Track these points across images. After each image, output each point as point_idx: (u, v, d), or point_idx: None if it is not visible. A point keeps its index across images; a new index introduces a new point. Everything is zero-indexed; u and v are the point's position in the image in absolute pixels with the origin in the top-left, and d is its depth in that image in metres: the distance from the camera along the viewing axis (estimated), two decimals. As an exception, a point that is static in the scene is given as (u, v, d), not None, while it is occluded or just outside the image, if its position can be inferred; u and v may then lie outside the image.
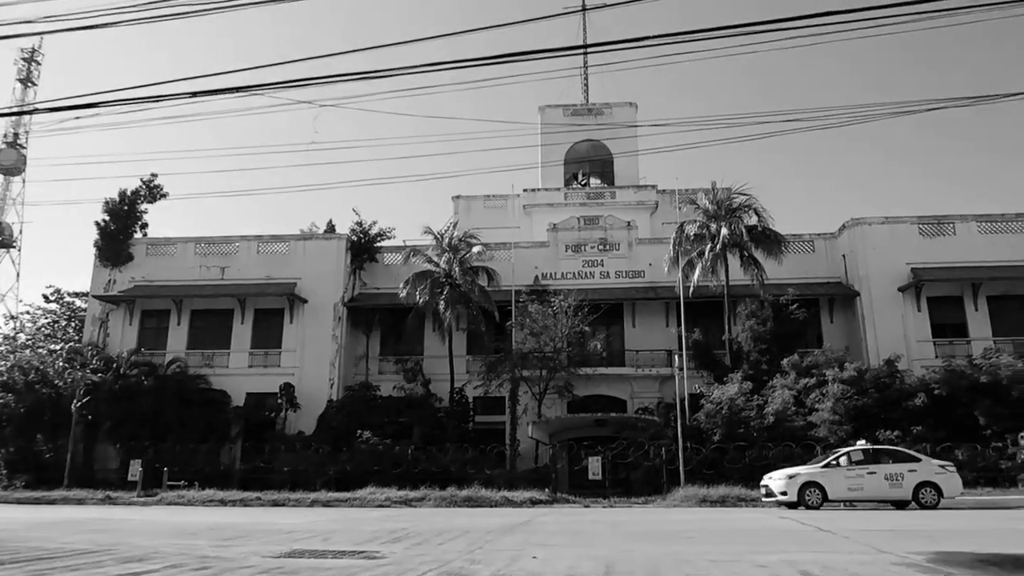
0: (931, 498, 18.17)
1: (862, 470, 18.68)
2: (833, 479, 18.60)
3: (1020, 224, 32.67)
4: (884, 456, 19.26)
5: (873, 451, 19.52)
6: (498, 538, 11.06)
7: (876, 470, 18.61)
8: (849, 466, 18.85)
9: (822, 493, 18.45)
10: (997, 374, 25.89)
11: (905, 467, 18.59)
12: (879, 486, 18.45)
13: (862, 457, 19.11)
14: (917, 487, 18.26)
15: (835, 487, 18.53)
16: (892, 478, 18.42)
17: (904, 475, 18.39)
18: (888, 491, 18.50)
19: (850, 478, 18.60)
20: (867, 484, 18.48)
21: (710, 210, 31.09)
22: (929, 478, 18.34)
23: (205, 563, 8.09)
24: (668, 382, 31.01)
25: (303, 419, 31.25)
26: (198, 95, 11.23)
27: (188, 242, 35.99)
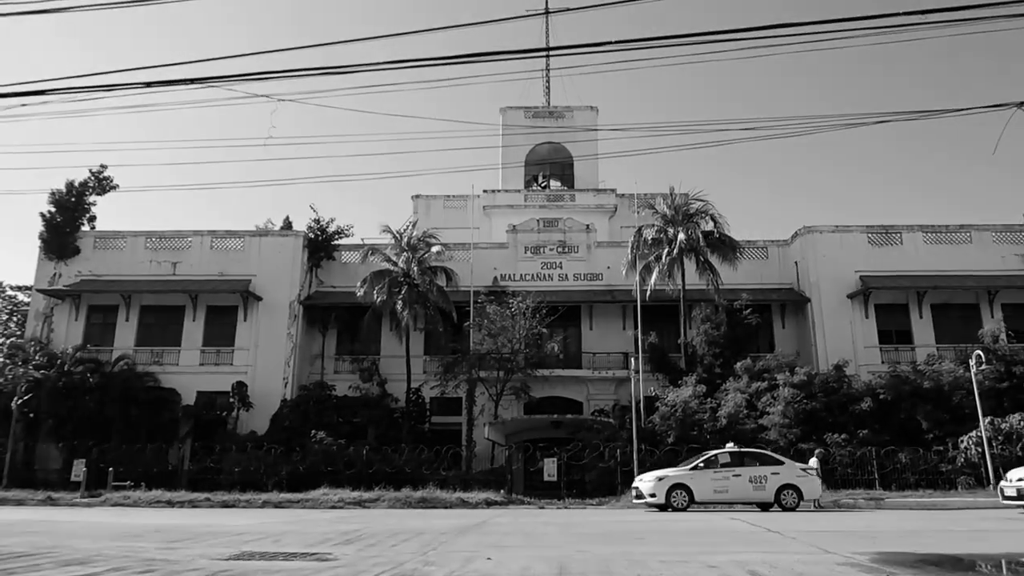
0: (792, 500, 18.64)
1: (728, 472, 19.01)
2: (700, 481, 18.89)
3: (963, 235, 33.86)
4: (750, 459, 19.60)
5: (740, 454, 19.84)
6: (452, 539, 11.03)
7: (742, 473, 18.97)
8: (716, 469, 19.23)
9: (689, 495, 18.69)
10: (939, 380, 26.76)
11: (769, 470, 19.01)
12: (744, 488, 18.81)
13: (729, 460, 19.44)
14: (779, 489, 18.70)
15: (702, 489, 18.83)
16: (756, 480, 18.80)
17: (768, 478, 18.78)
18: (752, 493, 18.87)
19: (716, 480, 18.93)
20: (732, 486, 18.83)
21: (668, 215, 31.50)
22: (791, 481, 18.82)
23: (150, 566, 7.89)
24: (624, 384, 31.34)
25: (256, 419, 30.70)
26: (152, 85, 10.96)
27: (138, 236, 35.07)
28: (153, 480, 25.68)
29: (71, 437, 28.70)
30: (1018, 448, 23.67)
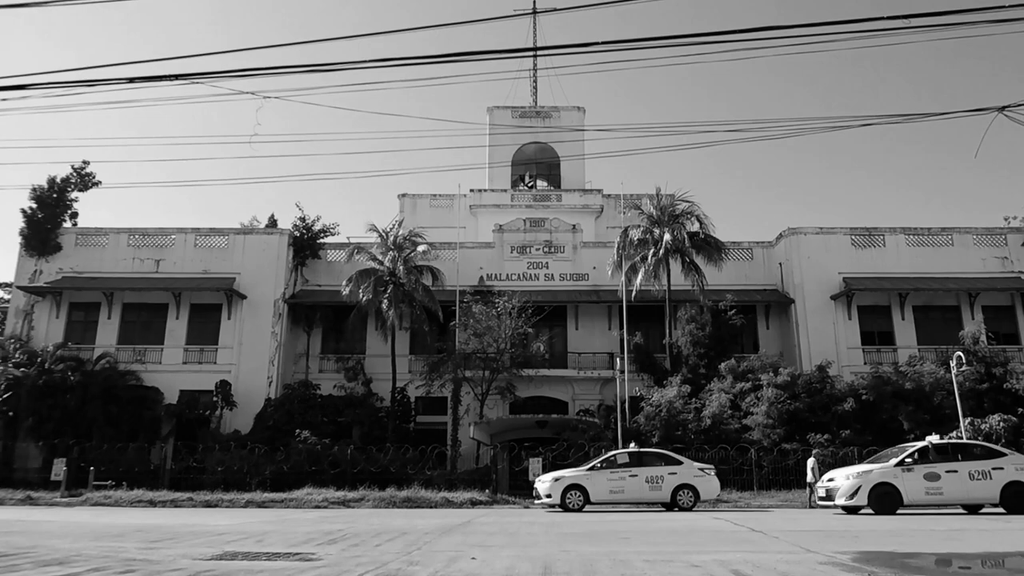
0: (688, 500, 18.66)
1: (624, 473, 18.94)
2: (596, 482, 18.77)
3: (945, 238, 34.25)
4: (650, 459, 19.58)
5: (639, 454, 19.77)
6: (437, 539, 11.01)
7: (638, 473, 18.90)
8: (614, 469, 19.13)
9: (584, 496, 18.62)
10: (920, 381, 27.06)
11: (666, 470, 18.96)
12: (640, 488, 18.75)
13: (628, 460, 19.42)
14: (676, 489, 18.69)
15: (597, 489, 18.70)
16: (653, 481, 18.72)
17: (664, 478, 18.73)
18: (648, 493, 18.83)
19: (612, 480, 18.83)
20: (628, 487, 18.75)
21: (654, 216, 31.62)
22: (688, 481, 18.82)
23: (130, 566, 7.81)
24: (609, 384, 31.43)
25: (239, 418, 30.51)
26: (135, 81, 10.85)
27: (121, 233, 34.73)
28: (135, 480, 25.43)
29: (51, 436, 28.38)
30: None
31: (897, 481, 16.28)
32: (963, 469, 16.36)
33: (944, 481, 16.25)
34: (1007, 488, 16.09)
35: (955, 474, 16.31)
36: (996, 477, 16.19)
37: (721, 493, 22.18)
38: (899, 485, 16.25)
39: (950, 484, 16.25)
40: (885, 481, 16.27)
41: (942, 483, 16.24)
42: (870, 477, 16.43)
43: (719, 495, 20.17)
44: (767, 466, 24.74)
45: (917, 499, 16.33)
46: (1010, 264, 33.69)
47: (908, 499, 16.23)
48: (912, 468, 16.42)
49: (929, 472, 16.34)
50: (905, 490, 16.21)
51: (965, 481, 16.26)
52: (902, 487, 16.24)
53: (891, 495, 16.16)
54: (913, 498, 16.26)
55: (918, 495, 16.25)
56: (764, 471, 24.63)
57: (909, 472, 16.38)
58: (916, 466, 16.47)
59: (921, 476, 16.33)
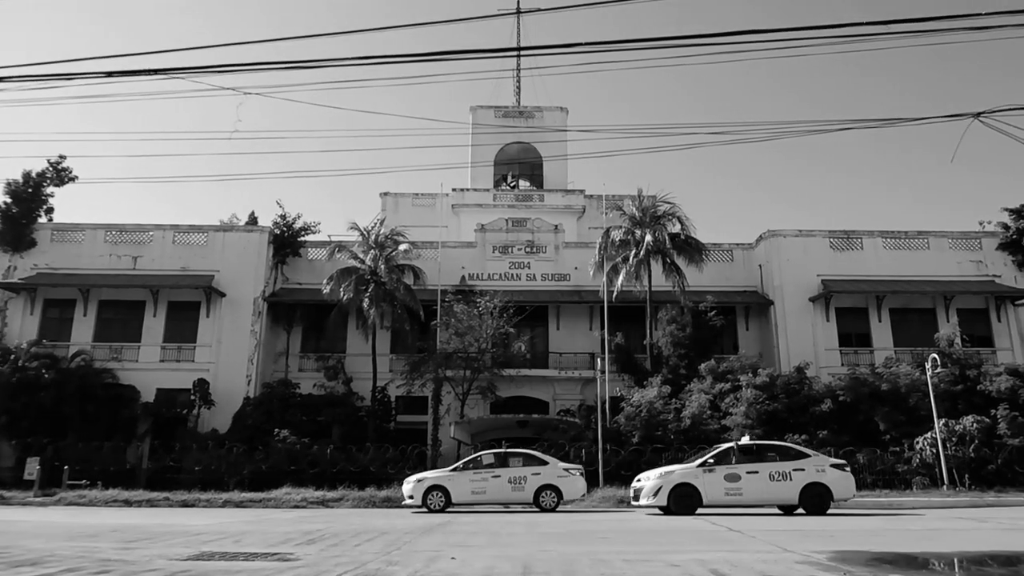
0: (551, 500, 18.48)
1: (487, 474, 18.83)
2: (458, 483, 18.67)
3: (921, 241, 34.74)
4: (514, 460, 19.38)
5: (504, 455, 19.61)
6: (416, 539, 10.99)
7: (501, 474, 18.76)
8: (476, 470, 19.01)
9: (446, 496, 18.53)
10: (897, 382, 27.40)
11: (530, 470, 18.77)
12: (502, 489, 18.60)
13: (492, 461, 19.33)
14: (539, 490, 18.55)
15: (459, 491, 18.58)
16: (515, 481, 18.58)
17: (528, 478, 18.57)
18: (511, 494, 18.69)
19: (475, 481, 18.70)
20: (491, 487, 18.61)
21: (636, 216, 31.74)
22: (551, 481, 18.64)
23: (106, 567, 7.72)
24: (590, 385, 31.51)
25: (217, 417, 30.23)
26: (113, 75, 10.72)
27: (97, 229, 34.27)
28: (110, 479, 25.10)
29: (25, 434, 27.94)
30: (970, 449, 24.34)
31: (698, 482, 16.35)
32: (764, 470, 16.45)
33: (744, 482, 16.32)
34: (806, 489, 16.22)
35: (756, 475, 16.39)
36: (796, 478, 16.30)
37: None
38: (699, 486, 16.31)
39: (750, 485, 16.32)
40: (686, 482, 16.36)
41: (742, 484, 16.31)
42: (672, 478, 16.56)
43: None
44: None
45: (717, 500, 16.40)
46: (985, 268, 34.24)
47: (708, 500, 16.31)
48: (714, 469, 16.52)
49: (730, 473, 16.43)
50: (705, 491, 16.28)
51: (765, 482, 16.32)
52: (702, 488, 16.29)
53: (691, 496, 16.25)
54: (713, 499, 16.34)
55: (718, 496, 16.33)
56: (743, 471, 24.80)
57: (711, 473, 16.45)
58: (718, 467, 16.57)
59: (722, 477, 16.40)
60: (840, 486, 16.45)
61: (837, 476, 16.54)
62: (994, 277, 33.96)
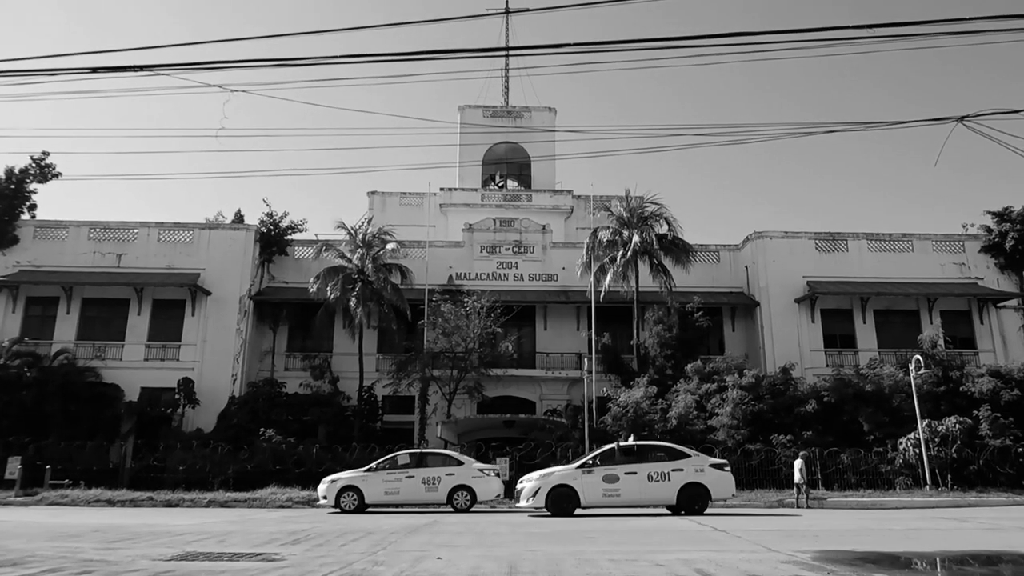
0: (464, 501, 18.50)
1: (402, 474, 18.85)
2: (371, 483, 18.69)
3: (905, 244, 35.05)
4: (430, 460, 19.47)
5: (420, 455, 19.71)
6: (402, 539, 10.96)
7: (415, 474, 18.78)
8: (390, 470, 19.02)
9: (359, 497, 18.56)
10: (880, 383, 27.63)
11: (444, 471, 18.79)
12: (416, 490, 18.61)
13: (408, 461, 19.36)
14: (453, 490, 18.55)
15: (372, 491, 18.62)
16: (429, 482, 18.59)
17: (441, 479, 18.56)
18: (425, 495, 18.66)
19: (388, 482, 18.71)
20: (405, 488, 18.65)
21: (623, 217, 31.82)
22: (466, 482, 18.64)
23: (88, 567, 7.65)
24: (577, 385, 31.57)
25: (202, 416, 30.03)
26: (98, 71, 10.62)
27: (81, 226, 33.95)
28: (93, 478, 24.89)
29: (6, 433, 27.58)
30: (953, 450, 24.58)
31: (576, 483, 16.31)
32: (643, 471, 16.44)
33: (622, 483, 16.31)
34: (684, 489, 16.31)
35: (634, 476, 16.39)
36: (675, 479, 16.36)
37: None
38: (577, 487, 16.26)
39: (628, 486, 16.32)
40: (564, 483, 16.32)
41: (620, 485, 16.29)
42: (550, 479, 16.52)
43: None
44: (731, 466, 24.99)
45: (594, 501, 16.37)
46: (967, 270, 34.61)
47: (586, 501, 16.27)
48: (592, 470, 16.50)
49: (608, 474, 16.40)
50: (583, 492, 16.24)
51: (643, 483, 16.34)
52: (580, 489, 16.24)
53: (568, 497, 16.20)
54: (590, 500, 16.31)
55: (595, 497, 16.30)
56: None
57: (589, 474, 16.42)
58: (597, 468, 16.55)
59: (600, 478, 16.36)
60: (718, 486, 16.56)
61: (716, 476, 16.61)
62: (977, 279, 34.33)
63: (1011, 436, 25.15)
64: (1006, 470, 24.65)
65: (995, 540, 11.08)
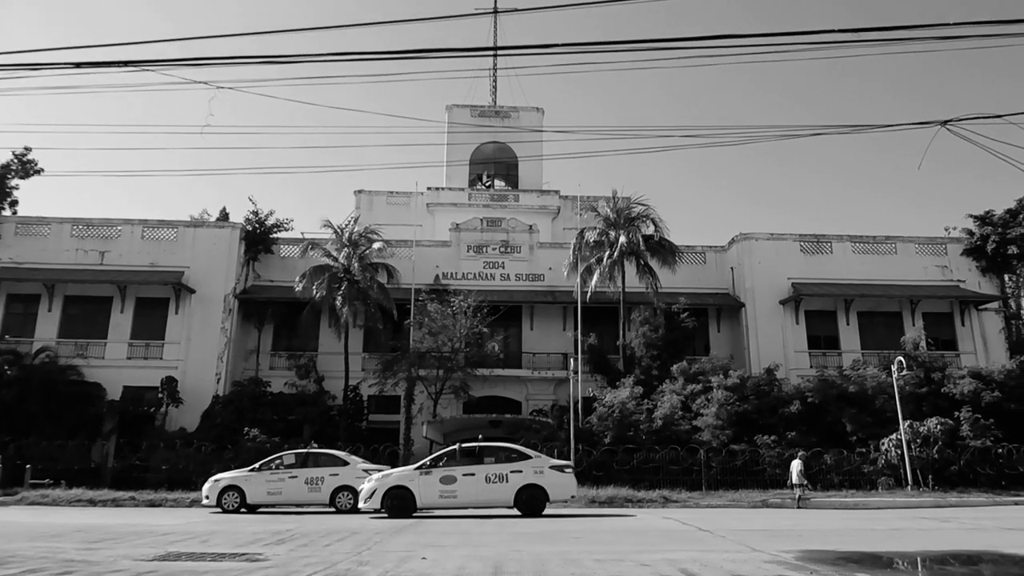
0: (347, 502, 18.37)
1: (285, 474, 18.77)
2: (254, 483, 18.63)
3: (889, 246, 35.38)
4: (315, 460, 19.27)
5: (306, 455, 19.50)
6: (388, 539, 10.93)
7: (299, 474, 18.67)
8: (273, 470, 18.95)
9: (241, 496, 18.51)
10: (864, 384, 27.86)
11: (328, 471, 18.62)
12: (299, 490, 18.54)
13: (293, 461, 19.24)
14: (336, 491, 18.47)
15: (255, 491, 18.54)
16: (312, 482, 18.46)
17: (325, 479, 18.42)
18: (308, 495, 18.59)
19: (271, 482, 18.65)
20: (287, 488, 18.57)
21: (610, 218, 31.88)
22: (349, 482, 18.47)
23: (69, 567, 7.58)
24: (563, 385, 31.60)
25: (186, 415, 29.79)
26: (82, 66, 10.51)
27: (64, 223, 33.58)
28: (75, 478, 24.63)
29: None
30: (934, 450, 24.82)
31: (412, 485, 16.15)
32: (481, 472, 16.31)
33: (460, 484, 16.15)
34: (522, 491, 16.17)
35: (472, 477, 16.22)
36: (513, 480, 16.24)
37: (671, 493, 22.54)
38: (414, 489, 16.10)
39: (465, 487, 16.15)
40: (401, 485, 16.20)
41: (457, 486, 16.13)
42: (387, 481, 16.37)
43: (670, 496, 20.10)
44: (716, 466, 25.14)
45: (431, 503, 16.21)
46: (950, 273, 34.98)
47: (422, 503, 16.12)
48: (431, 471, 16.36)
49: (446, 475, 16.26)
50: (420, 493, 16.09)
51: (481, 484, 16.18)
52: (417, 491, 16.09)
53: (404, 499, 16.08)
54: (427, 502, 16.15)
55: (432, 498, 16.14)
56: (713, 471, 25.01)
57: (427, 476, 16.28)
58: (435, 469, 16.41)
59: (438, 479, 16.20)
60: (557, 487, 16.43)
61: (555, 478, 16.48)
62: (959, 282, 34.70)
63: (991, 437, 25.41)
64: (986, 471, 24.91)
65: (976, 540, 11.20)
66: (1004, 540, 11.02)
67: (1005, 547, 10.00)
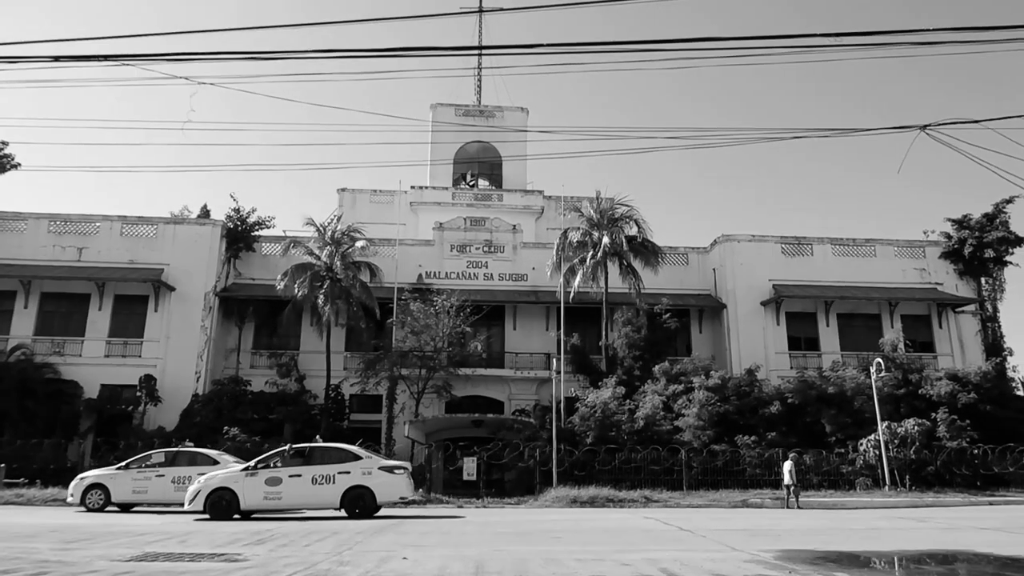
0: None
1: (152, 473, 18.47)
2: (119, 482, 18.31)
3: (868, 249, 35.77)
4: (183, 459, 18.92)
5: (175, 454, 19.13)
6: (368, 539, 10.88)
7: (165, 473, 18.33)
8: (141, 468, 18.67)
9: (106, 495, 18.24)
10: (843, 386, 28.16)
11: (196, 470, 17.99)
12: (165, 489, 18.24)
13: (162, 459, 18.92)
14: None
15: (120, 489, 18.20)
16: (179, 481, 18.04)
17: (192, 478, 17.54)
18: (173, 494, 18.19)
19: (137, 480, 18.37)
20: (153, 487, 18.28)
21: (593, 218, 31.97)
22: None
23: (43, 568, 7.47)
24: (546, 385, 31.65)
25: (165, 414, 29.47)
26: (61, 60, 10.37)
27: (41, 218, 33.10)
28: (50, 477, 24.30)
29: (-41, 431, 26.84)
30: (911, 451, 25.13)
31: (237, 486, 15.80)
32: (308, 474, 16.02)
33: (285, 486, 15.88)
34: (348, 493, 15.92)
35: (299, 479, 15.97)
36: (340, 481, 15.98)
37: (652, 492, 22.65)
38: (238, 490, 15.75)
39: (291, 489, 15.89)
40: (225, 486, 15.84)
41: (283, 488, 15.85)
42: (211, 482, 15.99)
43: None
44: (697, 467, 25.31)
45: (256, 504, 15.90)
46: (928, 275, 35.43)
47: (246, 504, 15.77)
48: (257, 473, 16.04)
49: (272, 477, 15.95)
50: (244, 495, 15.75)
51: (308, 485, 15.91)
52: (241, 492, 15.75)
53: (228, 500, 15.73)
54: (251, 503, 15.83)
55: (256, 500, 15.83)
56: (694, 471, 25.18)
57: (253, 477, 15.95)
58: (261, 471, 16.09)
59: (263, 481, 15.89)
60: (385, 488, 16.16)
61: (383, 479, 16.19)
62: (937, 285, 35.15)
63: (967, 438, 25.78)
64: (962, 471, 25.26)
65: (951, 540, 11.35)
66: (979, 539, 11.18)
67: (980, 546, 10.14)
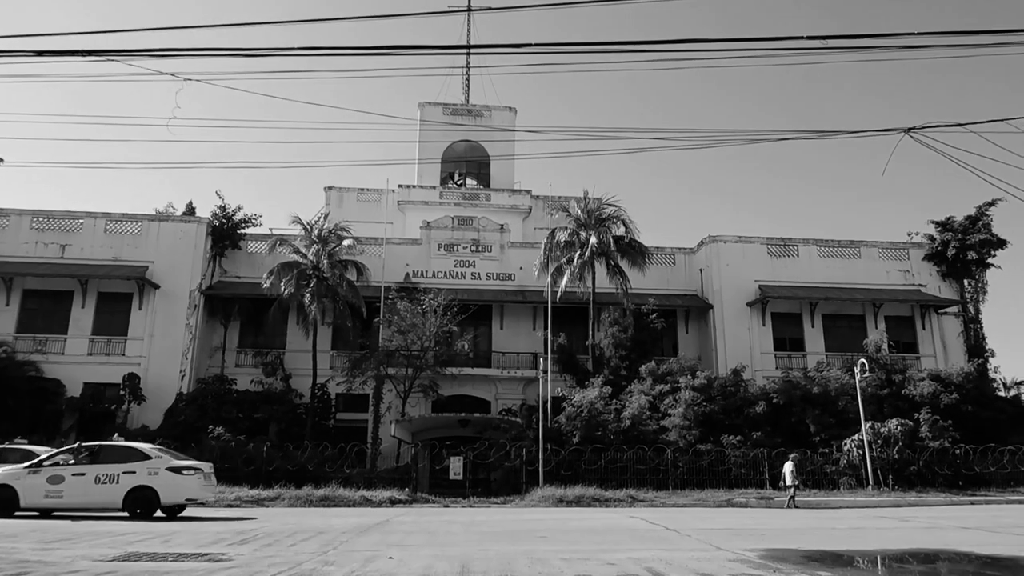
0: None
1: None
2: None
3: (853, 250, 36.06)
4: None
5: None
6: (354, 539, 10.84)
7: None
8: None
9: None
10: (827, 386, 28.38)
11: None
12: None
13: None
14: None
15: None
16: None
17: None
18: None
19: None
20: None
21: (581, 218, 32.02)
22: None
23: (24, 568, 7.39)
24: (532, 384, 31.67)
25: (148, 412, 29.23)
26: (44, 55, 10.25)
27: (23, 215, 32.73)
28: (31, 476, 23.98)
29: (-62, 429, 26.48)
30: (894, 451, 25.35)
31: (18, 484, 15.46)
32: (92, 472, 15.57)
33: (67, 484, 15.46)
34: (131, 493, 15.42)
35: (82, 477, 15.54)
36: (124, 481, 15.48)
37: (638, 492, 22.73)
38: (19, 488, 15.41)
39: (73, 487, 15.44)
40: (6, 483, 15.47)
41: (65, 486, 15.44)
42: None
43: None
44: (683, 466, 25.41)
45: (35, 503, 15.49)
46: (912, 277, 35.77)
47: (26, 502, 15.38)
48: (40, 470, 15.69)
49: (55, 475, 15.56)
50: (24, 493, 15.38)
51: (90, 484, 15.46)
52: (21, 490, 15.40)
53: (6, 499, 15.30)
54: (31, 501, 15.44)
55: (37, 499, 15.44)
56: (679, 471, 25.28)
57: (35, 474, 15.59)
58: (45, 468, 15.73)
59: (45, 479, 15.52)
60: (170, 489, 15.60)
61: (169, 479, 15.59)
62: (920, 286, 35.49)
63: (949, 438, 26.04)
64: (944, 471, 25.52)
65: (933, 539, 11.46)
66: (960, 538, 11.29)
67: (961, 545, 10.24)
